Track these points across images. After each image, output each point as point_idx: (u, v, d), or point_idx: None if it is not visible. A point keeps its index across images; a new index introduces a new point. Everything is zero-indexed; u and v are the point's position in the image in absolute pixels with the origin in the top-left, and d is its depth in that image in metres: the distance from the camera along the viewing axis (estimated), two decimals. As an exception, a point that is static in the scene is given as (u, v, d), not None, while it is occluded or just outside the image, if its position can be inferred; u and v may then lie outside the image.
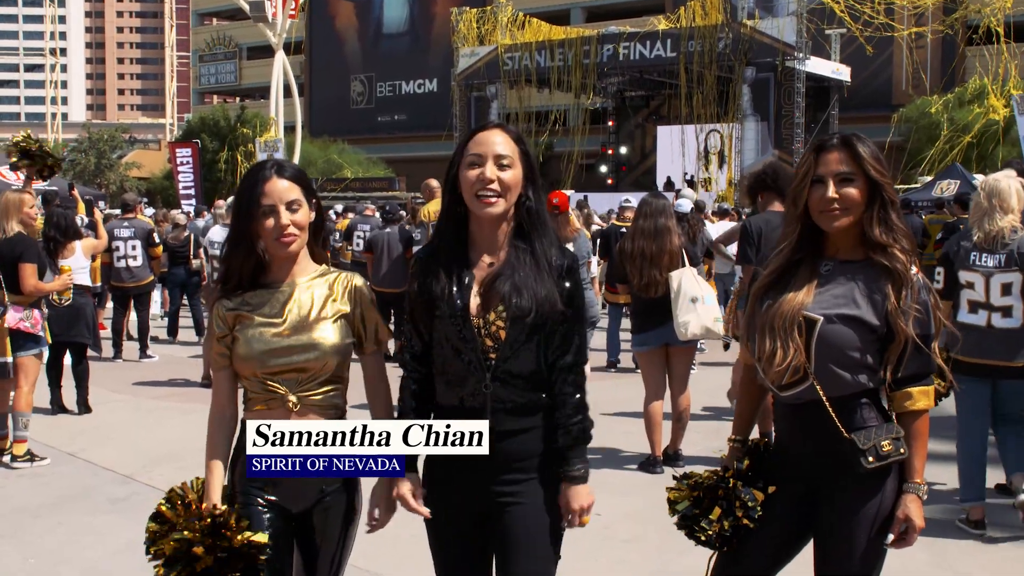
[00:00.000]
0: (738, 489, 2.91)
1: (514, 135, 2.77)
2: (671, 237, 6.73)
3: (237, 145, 38.17)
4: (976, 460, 5.49)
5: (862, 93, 35.32)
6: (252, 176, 2.88)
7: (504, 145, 2.72)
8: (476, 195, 2.68)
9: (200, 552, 2.63)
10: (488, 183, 2.67)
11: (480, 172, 2.68)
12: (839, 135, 2.84)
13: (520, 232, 2.76)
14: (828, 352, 2.76)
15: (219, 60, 59.69)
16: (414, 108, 49.88)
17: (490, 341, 2.68)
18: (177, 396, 9.65)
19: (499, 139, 2.73)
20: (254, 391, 2.88)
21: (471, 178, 2.68)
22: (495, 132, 2.75)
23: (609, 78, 34.77)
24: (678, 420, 6.92)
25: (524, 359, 2.71)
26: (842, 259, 2.85)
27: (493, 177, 2.67)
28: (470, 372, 2.70)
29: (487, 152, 2.70)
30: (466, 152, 2.72)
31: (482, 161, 2.69)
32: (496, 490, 2.72)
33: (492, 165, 2.68)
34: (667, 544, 5.01)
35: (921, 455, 2.80)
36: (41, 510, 6.04)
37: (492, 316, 2.68)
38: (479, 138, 2.74)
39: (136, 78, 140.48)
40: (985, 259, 5.35)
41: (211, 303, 2.96)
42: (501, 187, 2.68)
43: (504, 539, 2.74)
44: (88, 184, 39.37)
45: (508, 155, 2.71)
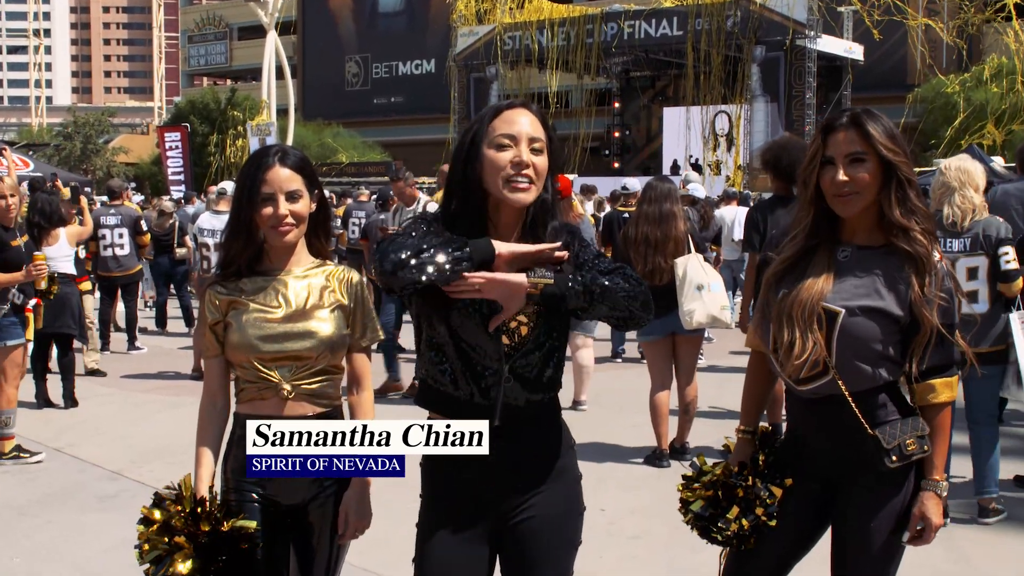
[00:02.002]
0: (757, 487, 2.88)
1: (541, 117, 2.59)
2: (677, 223, 6.71)
3: (227, 129, 38.14)
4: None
5: (876, 72, 35.19)
6: (255, 162, 2.90)
7: (535, 127, 2.54)
8: (508, 180, 2.49)
9: (181, 540, 2.63)
10: (523, 168, 2.49)
11: (515, 155, 2.49)
12: (849, 113, 2.79)
13: (531, 222, 2.59)
14: (850, 346, 2.73)
15: (209, 41, 59.57)
16: (411, 90, 49.77)
17: (507, 339, 2.56)
18: (167, 389, 9.66)
19: (529, 119, 2.54)
20: (247, 379, 2.90)
21: (502, 161, 2.49)
22: (524, 112, 2.56)
23: (613, 58, 34.64)
24: (685, 412, 6.92)
25: (542, 354, 2.60)
26: (860, 244, 2.81)
27: (529, 161, 2.50)
28: (487, 365, 2.56)
29: (520, 133, 2.51)
30: (490, 131, 2.53)
31: (515, 143, 2.51)
32: (507, 503, 2.62)
33: (526, 148, 2.51)
34: (675, 540, 5.02)
35: (942, 451, 2.78)
36: (27, 507, 6.05)
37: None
38: (507, 117, 2.54)
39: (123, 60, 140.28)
40: (950, 243, 5.40)
41: (204, 290, 2.97)
42: (534, 174, 2.52)
43: (519, 558, 2.67)
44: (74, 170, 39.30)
45: (540, 138, 2.54)
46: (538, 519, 2.63)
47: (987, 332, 5.44)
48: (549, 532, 2.65)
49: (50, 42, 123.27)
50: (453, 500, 2.63)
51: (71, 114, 50.73)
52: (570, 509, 2.71)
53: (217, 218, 9.51)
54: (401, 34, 50.42)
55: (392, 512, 2.87)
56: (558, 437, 2.70)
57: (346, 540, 2.99)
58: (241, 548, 2.70)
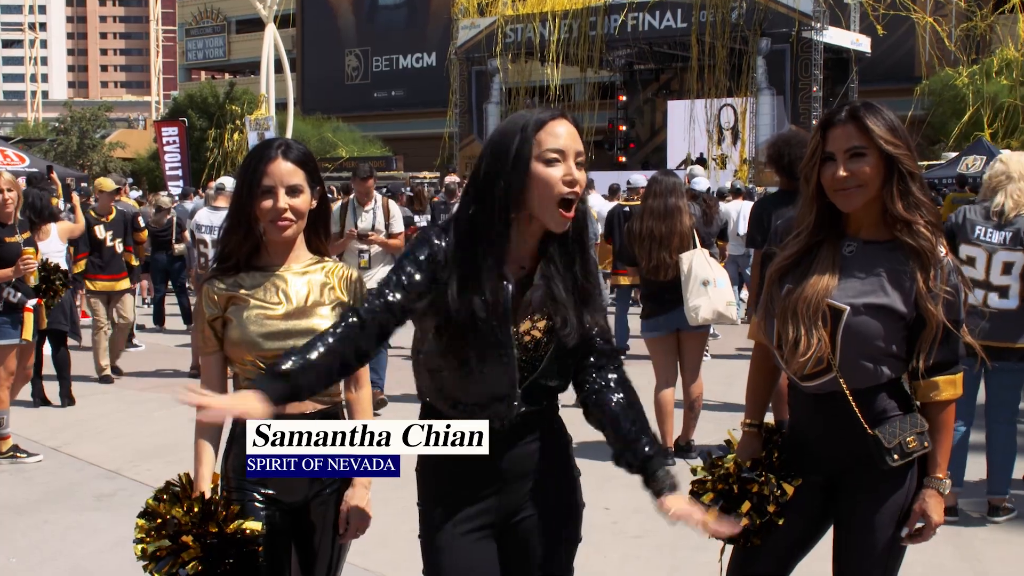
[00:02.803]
0: (772, 482, 2.88)
1: (578, 127, 2.52)
2: (682, 217, 6.71)
3: (226, 123, 38.14)
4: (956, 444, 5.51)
5: (883, 64, 35.15)
6: (257, 155, 2.90)
7: (577, 140, 2.48)
8: (563, 198, 2.42)
9: (188, 540, 2.64)
10: (575, 185, 2.43)
11: (567, 172, 2.42)
12: (848, 107, 2.78)
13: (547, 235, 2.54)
14: (855, 343, 2.73)
15: (207, 34, 59.60)
16: (412, 83, 49.78)
17: (522, 354, 2.52)
18: (165, 387, 9.66)
19: (570, 130, 2.47)
20: (247, 377, 2.90)
21: (555, 178, 2.41)
22: (565, 123, 2.48)
23: (617, 50, 34.62)
24: (690, 409, 6.92)
25: (553, 371, 2.58)
26: (866, 238, 2.81)
27: (579, 179, 2.44)
28: (501, 388, 2.51)
29: (568, 148, 2.44)
30: (538, 144, 2.43)
31: (564, 158, 2.43)
32: (509, 502, 2.63)
33: (573, 163, 2.44)
34: (679, 539, 5.01)
35: (944, 448, 2.78)
36: (24, 507, 6.05)
37: (527, 326, 2.54)
38: (553, 131, 2.45)
39: (120, 54, 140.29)
40: (991, 234, 5.35)
41: (201, 284, 2.97)
42: (581, 189, 2.45)
43: (520, 556, 2.67)
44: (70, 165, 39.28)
45: (582, 152, 2.47)
46: (538, 516, 2.64)
47: (1018, 328, 5.35)
48: (549, 529, 2.66)
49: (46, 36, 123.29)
50: (456, 502, 2.61)
51: (67, 109, 50.71)
52: (570, 506, 2.73)
53: (215, 214, 9.50)
54: (401, 27, 50.42)
55: (393, 512, 2.87)
56: (556, 434, 2.71)
57: (347, 540, 2.99)
58: (246, 550, 2.70)
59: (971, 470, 5.89)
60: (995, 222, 5.34)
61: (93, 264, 9.91)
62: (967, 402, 5.49)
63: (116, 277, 10.07)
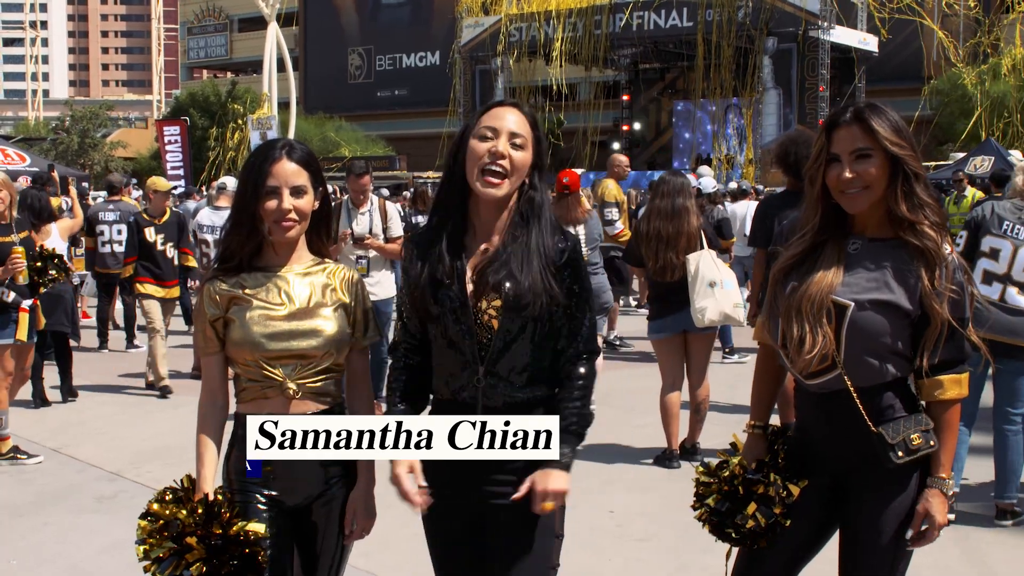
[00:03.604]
0: (778, 484, 2.89)
1: (530, 118, 2.78)
2: (689, 218, 6.70)
3: (228, 123, 38.17)
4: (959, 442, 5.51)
5: (891, 64, 35.11)
6: (260, 155, 2.90)
7: (519, 124, 2.73)
8: (483, 170, 2.68)
9: (193, 542, 2.65)
10: (499, 157, 2.67)
11: (492, 145, 2.68)
12: (853, 108, 2.80)
13: (519, 221, 2.75)
14: (859, 340, 2.74)
15: (209, 33, 59.69)
16: (415, 83, 49.80)
17: (483, 332, 2.70)
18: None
19: (515, 117, 2.74)
20: (250, 378, 2.90)
21: (480, 151, 2.68)
22: (511, 110, 2.76)
23: (622, 49, 34.60)
24: (696, 411, 6.91)
25: (518, 352, 2.71)
26: (871, 236, 2.82)
27: (505, 152, 2.68)
28: (464, 364, 2.72)
29: (501, 127, 2.71)
30: (478, 125, 2.73)
31: (496, 135, 2.70)
32: (489, 490, 2.73)
33: (506, 141, 2.69)
34: (684, 543, 5.02)
35: (949, 449, 2.79)
36: (24, 509, 6.06)
37: (484, 304, 2.70)
38: (495, 112, 2.75)
39: (121, 52, 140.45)
40: (1019, 230, 5.39)
41: (202, 284, 2.97)
42: (510, 166, 2.69)
43: (500, 546, 2.75)
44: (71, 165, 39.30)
45: (522, 135, 2.72)
46: (518, 506, 2.67)
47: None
48: (528, 520, 2.70)
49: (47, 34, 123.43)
50: (442, 483, 2.73)
51: (68, 108, 50.78)
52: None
53: (217, 214, 9.50)
54: (405, 25, 50.43)
55: (395, 514, 2.87)
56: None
57: (352, 541, 2.99)
58: (249, 551, 2.71)
59: (977, 472, 5.89)
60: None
61: (144, 268, 9.51)
62: (969, 404, 5.50)
63: (168, 284, 9.67)
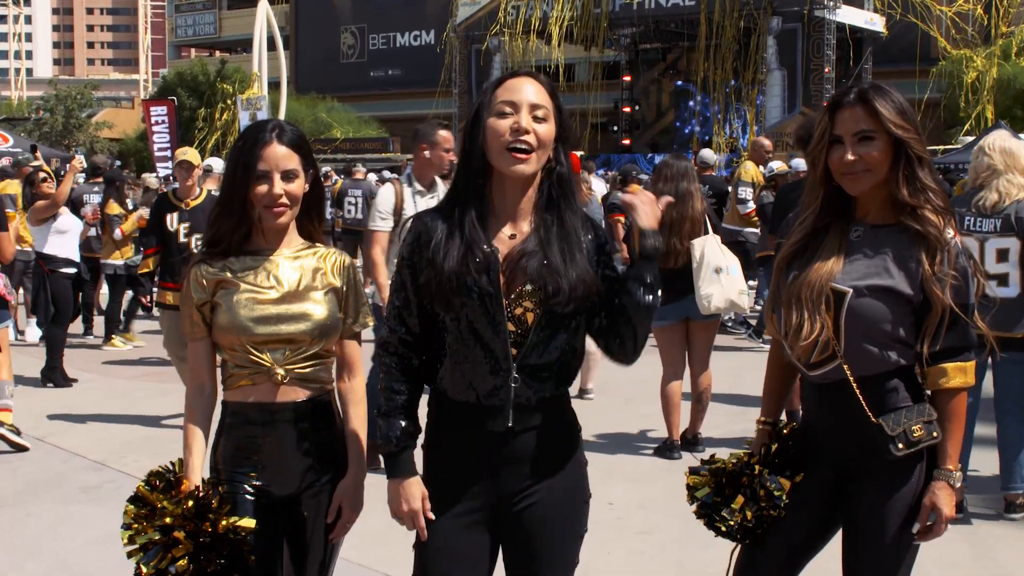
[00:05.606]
0: (763, 476, 2.90)
1: (548, 86, 2.63)
2: (694, 202, 6.68)
3: (217, 103, 38.05)
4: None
5: (898, 45, 34.98)
6: (250, 137, 2.88)
7: (539, 95, 2.59)
8: (507, 148, 2.53)
9: (181, 536, 2.64)
10: (522, 133, 2.53)
11: (514, 121, 2.54)
12: (857, 89, 2.80)
13: (547, 201, 2.62)
14: (859, 327, 2.74)
15: (197, 10, 59.36)
16: (410, 62, 49.58)
17: (514, 327, 2.57)
18: (152, 375, 9.67)
19: (533, 88, 2.59)
20: (237, 364, 2.89)
21: (502, 128, 2.54)
22: (528, 80, 2.61)
23: (622, 29, 34.46)
24: (698, 401, 6.91)
25: (554, 348, 2.61)
26: (873, 223, 2.83)
27: (529, 128, 2.54)
28: (493, 362, 2.57)
29: (521, 100, 2.56)
30: (493, 100, 2.58)
31: (516, 110, 2.56)
32: (508, 491, 2.65)
33: (527, 115, 2.55)
34: (686, 535, 5.01)
35: (955, 439, 2.77)
36: (8, 499, 6.05)
37: (516, 296, 2.57)
38: (510, 85, 2.60)
39: (107, 30, 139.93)
40: (980, 223, 5.38)
41: (189, 268, 2.95)
42: (536, 141, 2.55)
43: (521, 547, 2.69)
44: (55, 146, 39.19)
45: (544, 106, 2.58)
46: (541, 506, 2.65)
47: (1020, 317, 5.37)
48: (553, 520, 2.68)
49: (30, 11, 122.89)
50: (453, 484, 2.65)
51: (52, 87, 50.59)
52: (575, 497, 2.74)
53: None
54: (399, 3, 50.17)
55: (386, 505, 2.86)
56: (565, 424, 2.73)
57: (338, 534, 2.97)
58: (237, 548, 2.70)
59: (985, 465, 5.89)
60: (982, 211, 5.36)
61: (165, 269, 7.66)
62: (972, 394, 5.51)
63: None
